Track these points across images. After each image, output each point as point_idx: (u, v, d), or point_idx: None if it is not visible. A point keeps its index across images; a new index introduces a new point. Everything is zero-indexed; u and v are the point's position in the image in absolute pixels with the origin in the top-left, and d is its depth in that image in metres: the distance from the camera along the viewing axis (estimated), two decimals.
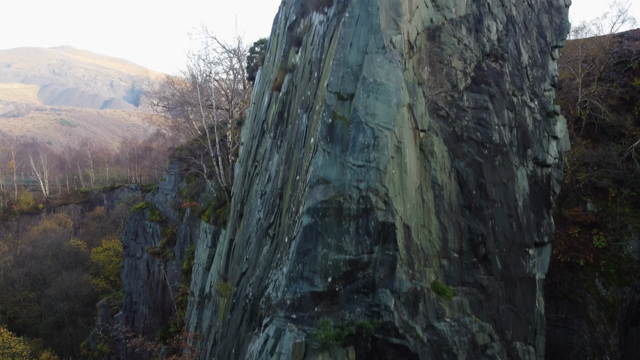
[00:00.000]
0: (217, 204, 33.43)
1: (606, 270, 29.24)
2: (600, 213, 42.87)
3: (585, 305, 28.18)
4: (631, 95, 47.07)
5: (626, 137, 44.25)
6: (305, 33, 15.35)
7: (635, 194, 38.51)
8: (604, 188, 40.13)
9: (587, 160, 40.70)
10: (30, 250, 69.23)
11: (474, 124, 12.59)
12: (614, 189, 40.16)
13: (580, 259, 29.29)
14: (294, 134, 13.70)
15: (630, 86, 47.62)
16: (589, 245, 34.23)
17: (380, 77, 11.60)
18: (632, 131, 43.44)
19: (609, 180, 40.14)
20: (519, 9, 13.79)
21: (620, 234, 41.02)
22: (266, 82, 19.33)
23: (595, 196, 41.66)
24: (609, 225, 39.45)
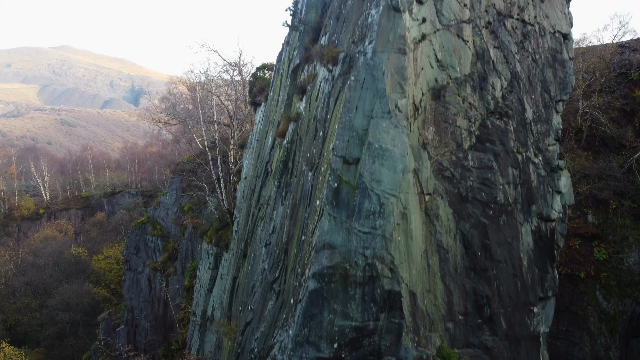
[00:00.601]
0: (219, 226, 33.44)
1: (607, 282, 29.33)
2: (601, 225, 42.89)
3: (586, 317, 28.24)
4: (632, 106, 47.03)
5: (627, 148, 44.25)
6: (310, 83, 15.37)
7: (636, 206, 38.60)
8: (604, 200, 40.17)
9: (587, 172, 40.74)
10: (31, 259, 69.30)
11: (478, 184, 12.63)
12: (615, 201, 40.23)
13: (581, 271, 29.40)
14: (299, 190, 13.73)
15: (630, 97, 47.55)
16: (590, 257, 34.27)
17: (385, 143, 11.63)
18: (633, 143, 43.43)
19: (610, 192, 40.18)
20: (523, 65, 13.81)
21: (621, 246, 41.02)
22: (270, 121, 19.36)
23: (596, 208, 41.68)
24: (610, 237, 39.47)
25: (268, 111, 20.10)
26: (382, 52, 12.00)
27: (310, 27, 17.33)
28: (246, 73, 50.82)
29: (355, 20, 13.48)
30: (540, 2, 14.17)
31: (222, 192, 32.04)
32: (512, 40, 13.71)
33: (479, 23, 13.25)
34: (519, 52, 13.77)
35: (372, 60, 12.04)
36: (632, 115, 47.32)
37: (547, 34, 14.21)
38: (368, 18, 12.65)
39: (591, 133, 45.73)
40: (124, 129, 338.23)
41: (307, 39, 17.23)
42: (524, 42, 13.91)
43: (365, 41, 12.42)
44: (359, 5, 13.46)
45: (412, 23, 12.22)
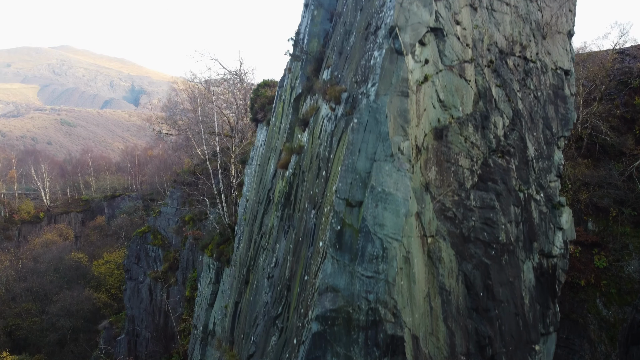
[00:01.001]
0: (220, 240, 33.54)
1: (607, 290, 29.42)
2: (601, 232, 42.97)
3: (587, 325, 28.32)
4: (632, 113, 47.07)
5: (627, 156, 44.32)
6: (312, 116, 15.45)
7: (636, 214, 38.71)
8: (605, 208, 40.27)
9: (588, 181, 40.84)
10: (32, 265, 69.42)
11: (481, 224, 12.71)
12: (615, 209, 40.33)
13: (582, 279, 29.49)
14: (301, 227, 13.81)
15: (631, 105, 47.58)
16: (590, 265, 34.35)
17: (388, 187, 11.70)
18: (633, 150, 43.50)
19: (610, 199, 40.28)
20: (525, 102, 13.89)
21: (621, 253, 41.10)
22: (272, 147, 19.43)
23: (596, 216, 41.76)
24: (610, 245, 39.55)
25: (270, 136, 20.17)
26: (385, 95, 12.07)
27: (312, 56, 17.40)
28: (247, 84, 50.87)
29: (357, 59, 13.55)
30: (542, 39, 14.24)
31: (223, 207, 32.12)
32: (514, 77, 13.78)
33: (481, 62, 13.32)
34: (520, 89, 13.85)
35: (375, 103, 12.11)
36: (632, 122, 47.35)
37: (549, 71, 14.28)
38: (371, 60, 12.71)
39: (591, 141, 45.76)
40: (124, 129, 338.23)
41: (310, 68, 17.31)
42: (526, 79, 13.98)
43: (368, 83, 12.49)
44: (361, 45, 13.52)
45: (415, 65, 12.28)
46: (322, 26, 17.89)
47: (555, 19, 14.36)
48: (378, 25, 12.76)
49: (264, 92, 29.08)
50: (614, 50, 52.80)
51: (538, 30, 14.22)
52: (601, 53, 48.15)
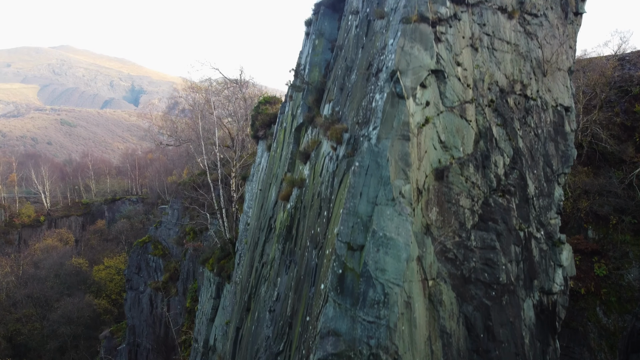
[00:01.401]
0: (221, 255, 33.62)
1: (607, 298, 29.52)
2: (601, 240, 43.06)
3: (587, 333, 28.38)
4: (632, 121, 47.13)
5: (627, 163, 44.38)
6: (313, 150, 15.51)
7: (636, 222, 38.72)
8: (605, 216, 40.35)
9: (588, 189, 40.93)
10: (32, 272, 69.52)
11: (481, 264, 12.79)
12: (615, 217, 40.41)
13: (582, 287, 29.58)
14: (303, 265, 13.89)
15: (631, 112, 47.64)
16: (590, 273, 34.45)
17: (390, 232, 11.77)
18: (633, 158, 43.56)
19: (610, 207, 40.36)
20: (525, 141, 13.95)
21: (621, 262, 41.18)
22: (273, 174, 19.49)
23: (596, 223, 41.84)
24: (610, 253, 39.58)
25: (271, 162, 20.24)
26: (387, 138, 12.14)
27: (313, 87, 17.46)
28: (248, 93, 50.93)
29: (359, 99, 13.61)
30: (542, 76, 14.30)
31: (224, 222, 32.19)
32: (515, 116, 13.84)
33: (481, 102, 13.39)
34: (521, 127, 13.91)
35: (376, 147, 12.18)
36: (632, 130, 47.40)
37: (550, 108, 14.34)
38: (372, 102, 12.78)
39: (591, 148, 45.81)
40: (124, 129, 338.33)
41: (311, 98, 17.37)
42: (527, 117, 14.04)
43: (370, 126, 12.55)
44: (363, 85, 13.58)
45: (416, 108, 12.35)
46: (324, 56, 17.95)
47: (555, 57, 14.43)
48: (379, 68, 12.83)
49: (265, 109, 29.14)
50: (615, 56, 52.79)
51: (538, 68, 14.28)
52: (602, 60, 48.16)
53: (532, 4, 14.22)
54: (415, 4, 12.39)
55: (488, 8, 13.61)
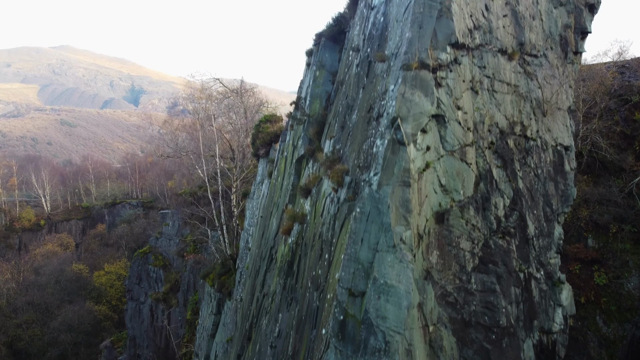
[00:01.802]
0: (222, 271, 33.73)
1: (607, 307, 29.64)
2: (601, 249, 43.19)
3: (587, 342, 28.50)
4: (632, 130, 47.21)
5: (627, 172, 44.48)
6: (314, 186, 15.60)
7: (636, 230, 38.78)
8: (605, 224, 40.48)
9: (588, 197, 41.04)
10: (33, 278, 69.74)
11: (482, 308, 12.89)
12: (615, 225, 40.52)
13: (582, 296, 29.71)
14: (304, 305, 13.98)
15: (631, 120, 47.72)
16: (590, 282, 34.57)
17: (391, 279, 11.86)
18: (633, 166, 43.67)
19: (610, 216, 40.49)
20: (525, 181, 14.05)
21: (621, 270, 41.27)
22: (274, 203, 19.58)
23: (596, 232, 41.96)
24: (610, 262, 39.64)
25: (272, 190, 20.34)
26: (387, 185, 12.22)
27: (314, 119, 17.54)
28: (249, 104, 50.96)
29: (360, 141, 13.69)
30: (542, 116, 14.38)
31: (224, 239, 32.28)
32: (515, 157, 13.93)
33: (482, 144, 13.47)
34: (521, 168, 14.01)
35: (377, 194, 12.26)
36: (632, 139, 47.47)
37: (549, 148, 14.43)
38: (373, 147, 12.86)
39: (591, 157, 45.91)
40: (124, 129, 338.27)
41: (312, 131, 17.46)
42: (526, 157, 14.13)
43: (371, 171, 12.64)
44: (364, 127, 13.67)
45: (417, 154, 12.43)
46: (324, 87, 18.02)
47: (555, 96, 14.51)
48: (380, 113, 12.91)
49: (266, 127, 29.23)
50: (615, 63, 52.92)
51: (538, 108, 14.36)
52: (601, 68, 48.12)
53: (532, 45, 14.30)
54: (416, 50, 12.46)
55: (488, 51, 13.69)
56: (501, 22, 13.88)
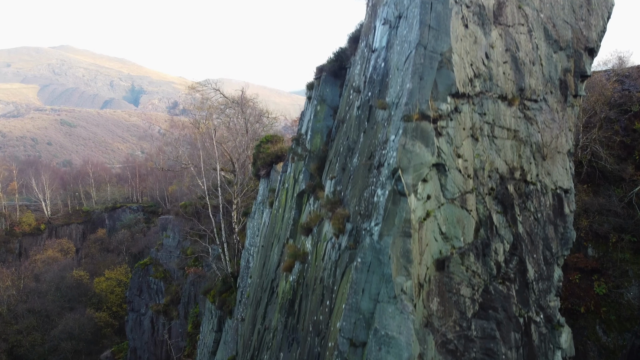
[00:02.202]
0: (223, 288, 33.85)
1: (607, 317, 29.74)
2: (601, 258, 43.31)
3: (586, 352, 28.62)
4: (632, 139, 47.29)
5: (627, 181, 44.58)
6: (315, 226, 15.71)
7: (635, 240, 38.82)
8: (604, 234, 40.63)
9: (588, 207, 41.17)
10: (33, 285, 69.90)
11: (482, 354, 13.02)
12: (615, 235, 40.63)
13: (582, 306, 29.79)
14: (305, 350, 14.11)
15: (631, 130, 47.79)
16: (590, 291, 34.64)
17: (392, 330, 11.98)
18: (633, 176, 43.78)
19: (610, 226, 40.61)
20: (525, 226, 14.17)
21: (620, 280, 41.36)
22: (275, 234, 19.71)
23: (596, 241, 42.10)
24: (610, 272, 39.62)
25: (273, 221, 20.46)
26: (389, 235, 12.34)
27: (315, 155, 17.65)
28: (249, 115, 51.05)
29: (361, 187, 13.80)
30: (542, 160, 14.50)
31: (225, 257, 32.41)
32: (515, 202, 14.05)
33: (482, 191, 13.59)
34: (521, 213, 14.13)
35: (378, 244, 12.38)
36: (632, 148, 47.53)
37: (549, 192, 14.55)
38: (374, 196, 12.98)
39: (591, 166, 45.95)
40: (124, 129, 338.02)
41: (313, 166, 17.56)
42: (526, 202, 14.25)
43: (372, 221, 12.75)
44: (364, 174, 13.78)
45: (417, 203, 12.54)
46: (325, 122, 18.13)
47: (555, 140, 14.62)
48: (381, 162, 13.02)
49: (266, 148, 29.35)
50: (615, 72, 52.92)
51: (538, 152, 14.47)
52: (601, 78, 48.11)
53: (532, 90, 14.41)
54: (417, 102, 12.57)
55: (489, 98, 13.79)
56: (501, 68, 13.98)
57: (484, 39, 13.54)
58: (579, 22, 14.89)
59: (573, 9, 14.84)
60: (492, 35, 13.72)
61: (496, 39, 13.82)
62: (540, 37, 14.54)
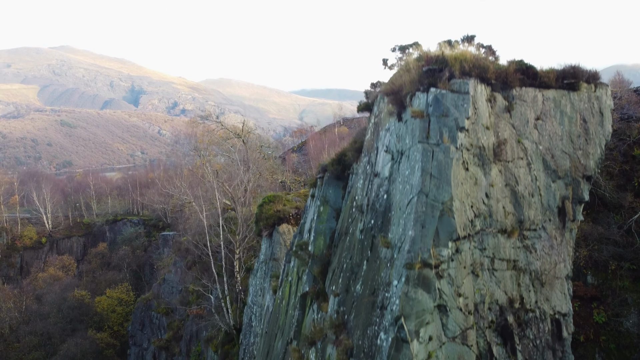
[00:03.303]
0: (225, 340, 34.28)
1: (606, 345, 30.02)
2: (600, 286, 43.59)
3: None
4: (631, 165, 47.58)
5: (626, 209, 44.88)
6: (319, 340, 16.08)
7: (635, 268, 38.96)
8: (604, 261, 40.99)
9: (587, 236, 41.56)
10: (35, 308, 70.37)
11: None
12: (614, 263, 40.92)
13: (581, 334, 30.10)
14: None
15: (630, 156, 48.10)
16: (589, 320, 34.94)
17: None
18: (632, 203, 44.12)
19: (609, 253, 40.94)
20: (524, 354, 14.51)
21: (620, 308, 41.56)
22: (278, 326, 20.08)
23: (595, 269, 42.42)
24: (609, 300, 39.73)
25: (277, 311, 20.84)
26: None
27: (318, 258, 18.00)
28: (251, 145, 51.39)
29: (364, 322, 14.16)
30: (540, 286, 14.86)
31: (228, 310, 32.82)
32: (514, 332, 14.40)
33: (482, 325, 13.96)
34: (520, 342, 14.50)
35: None
36: (631, 175, 47.84)
37: (548, 317, 14.92)
38: (377, 338, 13.33)
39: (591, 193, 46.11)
40: (124, 130, 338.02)
41: (316, 269, 17.92)
42: (525, 329, 14.63)
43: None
44: (368, 309, 14.13)
45: (419, 347, 12.91)
46: (328, 224, 18.46)
47: (553, 266, 14.98)
48: (384, 305, 13.37)
49: (268, 209, 29.72)
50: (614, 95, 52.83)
51: (537, 279, 14.84)
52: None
53: (531, 221, 14.76)
54: (419, 250, 12.91)
55: (489, 233, 14.15)
56: (501, 203, 14.32)
57: (484, 179, 13.89)
58: (577, 152, 15.25)
59: (571, 139, 15.19)
60: (492, 174, 14.07)
61: (496, 176, 14.17)
62: (539, 168, 14.90)
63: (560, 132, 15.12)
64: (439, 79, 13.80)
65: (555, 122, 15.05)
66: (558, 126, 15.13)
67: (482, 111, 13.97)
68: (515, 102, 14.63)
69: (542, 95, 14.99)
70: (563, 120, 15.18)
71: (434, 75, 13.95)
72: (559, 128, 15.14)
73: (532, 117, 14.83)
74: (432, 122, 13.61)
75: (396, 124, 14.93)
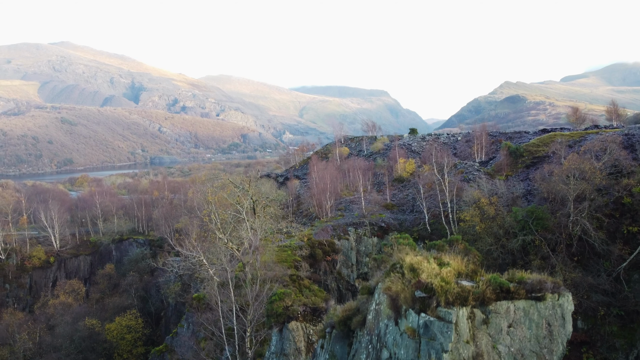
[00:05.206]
0: None
1: None
2: (590, 331, 46.41)
3: None
4: (621, 212, 50.42)
5: (615, 256, 47.68)
6: None
7: (622, 314, 41.57)
8: (593, 307, 43.82)
9: (578, 284, 44.40)
10: (49, 340, 73.54)
11: None
12: (603, 309, 43.69)
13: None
14: None
15: (620, 203, 50.97)
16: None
17: None
18: (621, 250, 46.96)
19: (598, 299, 43.68)
20: None
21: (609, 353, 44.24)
22: None
23: (585, 314, 45.31)
24: (598, 344, 42.42)
25: None
26: None
27: None
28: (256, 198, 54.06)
29: None
30: None
31: None
32: None
33: None
34: None
35: None
36: (620, 222, 50.81)
37: None
38: None
39: (581, 241, 49.18)
40: (125, 127, 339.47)
41: None
42: None
43: None
44: None
45: None
46: None
47: None
48: None
49: (279, 307, 32.55)
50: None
51: None
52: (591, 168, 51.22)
53: None
54: None
55: None
56: None
57: None
58: (543, 350, 18.13)
59: (538, 340, 18.07)
60: None
61: None
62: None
63: (529, 335, 18.00)
64: (428, 307, 16.72)
65: (524, 327, 17.95)
66: (527, 330, 18.02)
67: (463, 330, 16.84)
68: (490, 315, 17.52)
69: (513, 305, 17.88)
70: (531, 325, 18.07)
71: (424, 302, 16.85)
72: (528, 332, 18.03)
73: (505, 325, 17.73)
74: (423, 344, 16.52)
75: (393, 326, 17.82)
